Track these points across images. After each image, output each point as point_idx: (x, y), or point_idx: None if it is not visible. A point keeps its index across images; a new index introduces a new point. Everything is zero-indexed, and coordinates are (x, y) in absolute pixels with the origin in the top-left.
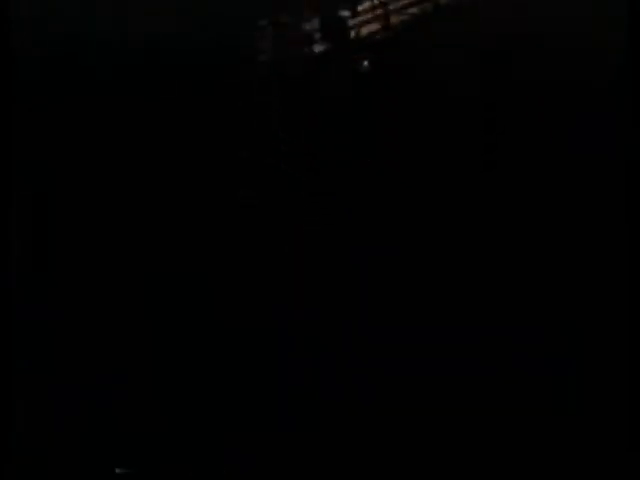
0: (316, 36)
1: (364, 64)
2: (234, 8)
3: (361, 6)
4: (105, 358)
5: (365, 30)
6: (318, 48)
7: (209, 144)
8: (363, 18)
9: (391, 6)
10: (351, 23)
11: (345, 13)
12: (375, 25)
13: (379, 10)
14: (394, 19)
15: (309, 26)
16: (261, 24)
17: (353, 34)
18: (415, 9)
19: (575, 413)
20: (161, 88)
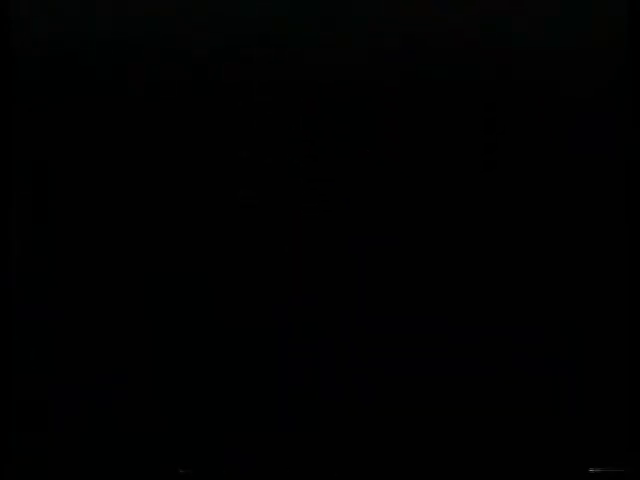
0: None
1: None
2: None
3: None
4: (105, 358)
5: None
6: None
7: (209, 144)
8: None
9: None
10: None
11: None
12: None
13: None
14: None
15: None
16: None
17: None
18: None
19: (575, 413)
20: (161, 88)
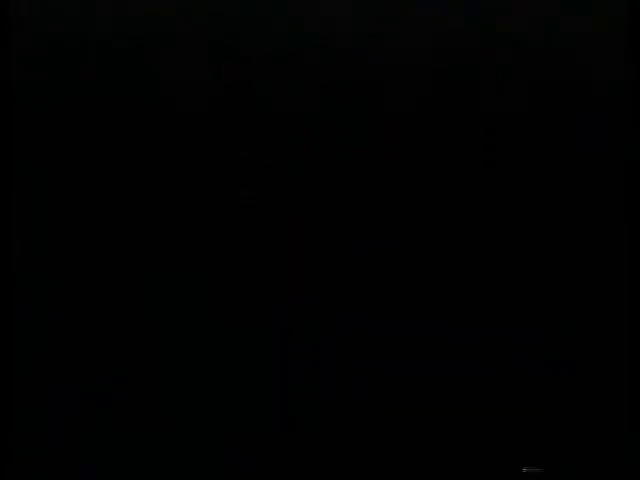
0: None
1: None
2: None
3: None
4: (104, 358)
5: None
6: None
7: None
8: None
9: None
10: None
11: None
12: None
13: None
14: None
15: None
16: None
17: None
18: None
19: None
20: (161, 88)
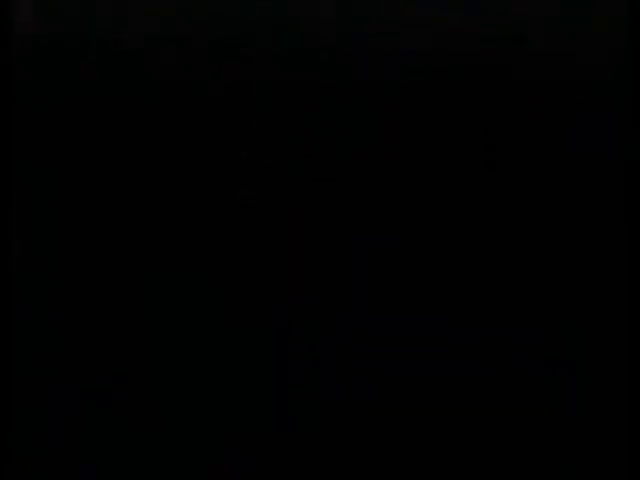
0: None
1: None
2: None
3: None
4: (104, 358)
5: None
6: None
7: (209, 144)
8: None
9: None
10: None
11: None
12: None
13: None
14: None
15: None
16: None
17: None
18: None
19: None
20: (161, 88)
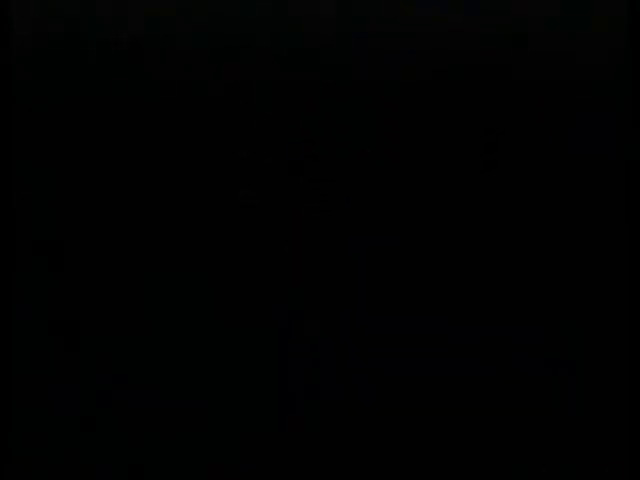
0: None
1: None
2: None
3: None
4: (104, 358)
5: None
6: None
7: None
8: None
9: None
10: None
11: None
12: None
13: None
14: None
15: None
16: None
17: None
18: None
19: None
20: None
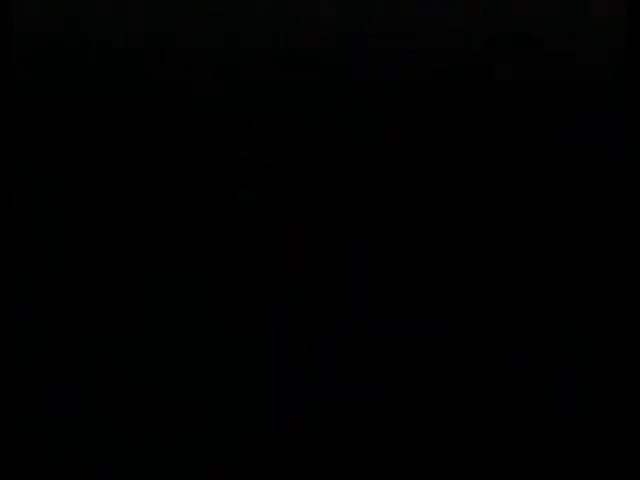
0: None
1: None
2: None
3: None
4: (105, 358)
5: None
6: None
7: (209, 144)
8: None
9: None
10: None
11: None
12: None
13: None
14: None
15: None
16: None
17: None
18: None
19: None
20: (161, 88)
